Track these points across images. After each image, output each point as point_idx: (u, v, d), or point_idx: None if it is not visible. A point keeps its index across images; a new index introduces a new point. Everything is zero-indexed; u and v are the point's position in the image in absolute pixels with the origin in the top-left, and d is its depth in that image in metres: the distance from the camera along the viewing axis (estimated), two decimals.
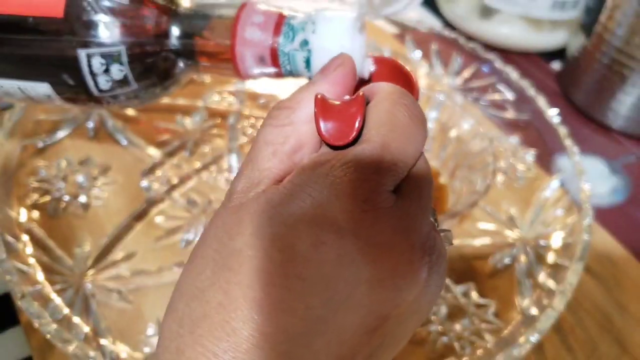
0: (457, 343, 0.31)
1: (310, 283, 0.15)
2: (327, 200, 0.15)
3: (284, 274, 0.15)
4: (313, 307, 0.15)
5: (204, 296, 0.15)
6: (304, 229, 0.15)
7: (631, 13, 0.43)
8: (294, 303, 0.15)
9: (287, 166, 0.17)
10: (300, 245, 0.15)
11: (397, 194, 0.17)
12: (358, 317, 0.15)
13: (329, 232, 0.15)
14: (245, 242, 0.15)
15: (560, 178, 0.39)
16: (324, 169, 0.16)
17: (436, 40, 0.49)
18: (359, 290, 0.15)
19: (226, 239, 0.16)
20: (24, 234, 0.32)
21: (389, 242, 0.15)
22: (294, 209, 0.15)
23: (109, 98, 0.23)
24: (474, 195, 0.31)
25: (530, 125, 0.43)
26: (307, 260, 0.15)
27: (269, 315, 0.14)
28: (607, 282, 0.36)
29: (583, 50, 0.49)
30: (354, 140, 0.16)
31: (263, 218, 0.15)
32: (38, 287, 0.29)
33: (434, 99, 0.36)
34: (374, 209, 0.15)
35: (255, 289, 0.15)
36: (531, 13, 0.53)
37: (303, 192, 0.16)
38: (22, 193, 0.35)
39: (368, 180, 0.16)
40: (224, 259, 0.15)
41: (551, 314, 0.29)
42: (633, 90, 0.45)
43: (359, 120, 0.16)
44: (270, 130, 0.18)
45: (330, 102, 0.17)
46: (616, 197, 0.43)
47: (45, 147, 0.39)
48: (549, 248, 0.35)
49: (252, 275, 0.15)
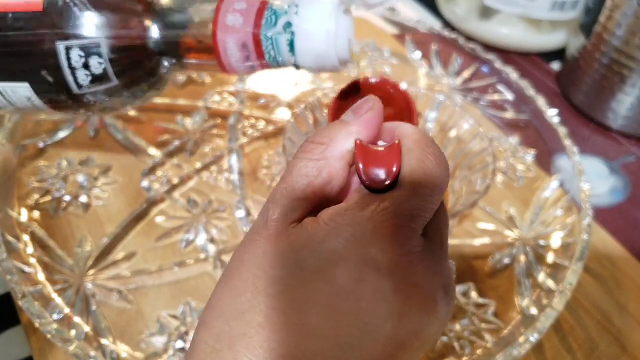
0: (456, 343, 0.31)
1: (346, 314, 0.16)
2: (370, 241, 0.17)
3: (324, 304, 0.16)
4: (345, 336, 0.16)
5: (244, 317, 0.17)
6: (346, 265, 0.17)
7: (630, 13, 0.43)
8: (328, 331, 0.16)
9: (319, 198, 0.19)
10: (341, 279, 0.17)
11: (425, 238, 0.18)
12: (380, 345, 0.17)
13: (370, 269, 0.17)
14: (288, 272, 0.17)
15: (560, 178, 0.39)
16: (367, 212, 0.17)
17: (436, 40, 0.50)
18: (388, 324, 0.17)
19: (267, 267, 0.17)
20: (25, 234, 0.33)
21: (420, 283, 0.17)
22: (336, 245, 0.17)
23: (90, 96, 0.23)
24: (474, 195, 0.31)
25: (529, 125, 0.43)
26: (347, 293, 0.17)
27: (304, 340, 0.16)
28: (607, 281, 0.36)
29: (582, 51, 0.49)
30: (390, 185, 0.18)
31: (306, 252, 0.17)
32: (38, 287, 0.29)
33: (433, 99, 0.37)
34: (408, 253, 0.17)
35: (291, 316, 0.16)
36: (531, 13, 0.53)
37: (346, 231, 0.17)
38: (23, 193, 0.36)
39: (404, 227, 0.17)
40: (265, 286, 0.17)
41: (551, 313, 0.29)
42: (632, 91, 0.45)
43: (396, 166, 0.18)
44: (305, 164, 0.19)
45: (369, 148, 0.19)
46: (615, 197, 0.43)
47: (46, 147, 0.39)
48: (548, 248, 0.35)
49: (293, 303, 0.16)
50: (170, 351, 0.29)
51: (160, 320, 0.30)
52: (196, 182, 0.38)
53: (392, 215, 0.17)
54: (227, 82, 0.46)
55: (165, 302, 0.31)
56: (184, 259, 0.33)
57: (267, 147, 0.42)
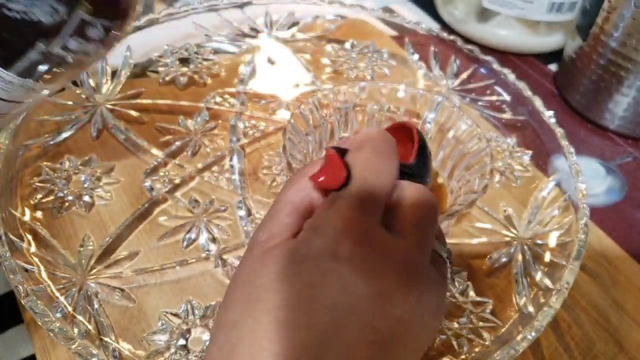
0: (454, 341, 0.31)
1: (321, 304, 0.18)
2: (331, 239, 0.19)
3: (302, 298, 0.19)
4: (324, 323, 0.18)
5: (237, 324, 0.19)
6: (314, 264, 0.19)
7: (628, 15, 0.43)
8: (309, 321, 0.18)
9: (301, 222, 0.21)
10: (311, 276, 0.19)
11: (392, 230, 0.21)
12: (358, 330, 0.18)
13: (331, 262, 0.19)
14: (271, 279, 0.19)
15: (557, 178, 0.39)
16: (323, 219, 0.20)
17: (434, 42, 0.50)
18: (358, 308, 0.18)
19: (253, 278, 0.20)
20: (28, 234, 0.33)
21: (379, 268, 0.19)
22: (306, 251, 0.20)
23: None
24: (472, 195, 0.31)
25: (527, 126, 0.43)
26: (318, 286, 0.19)
27: (291, 333, 0.18)
28: (604, 280, 0.36)
29: (580, 52, 0.49)
30: (345, 184, 0.21)
31: (285, 261, 0.20)
32: (41, 286, 0.30)
33: (432, 100, 0.37)
34: (367, 242, 0.20)
35: (279, 314, 0.18)
36: (528, 15, 0.53)
37: (313, 238, 0.20)
38: (26, 193, 0.36)
39: (357, 219, 0.20)
40: (252, 295, 0.19)
41: (548, 312, 0.29)
42: (629, 92, 0.46)
43: (342, 168, 0.21)
44: (292, 192, 0.22)
45: (319, 162, 0.23)
46: (612, 197, 0.43)
47: (49, 147, 0.39)
48: (545, 247, 0.35)
49: (277, 303, 0.18)
50: (172, 349, 0.29)
51: (162, 318, 0.30)
52: (198, 182, 0.39)
53: (345, 210, 0.20)
54: (228, 84, 0.46)
55: (167, 301, 0.32)
56: (186, 258, 0.34)
57: (268, 148, 0.42)
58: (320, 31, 0.53)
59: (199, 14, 0.48)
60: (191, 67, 0.47)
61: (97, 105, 0.42)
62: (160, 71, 0.46)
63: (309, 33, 0.52)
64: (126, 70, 0.45)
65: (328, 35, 0.53)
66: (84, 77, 0.43)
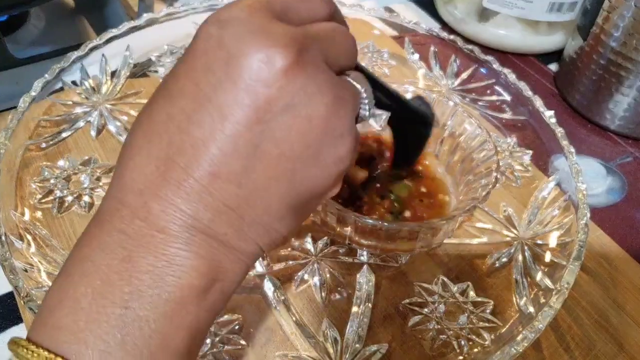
0: (455, 341, 0.31)
1: (198, 71, 0.19)
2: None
3: (186, 60, 0.19)
4: (201, 88, 0.18)
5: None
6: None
7: (628, 15, 0.43)
8: (188, 87, 0.19)
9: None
10: (196, 44, 0.19)
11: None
12: (231, 94, 0.18)
13: (212, 26, 0.19)
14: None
15: (557, 178, 0.39)
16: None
17: (435, 42, 0.50)
18: (228, 70, 0.18)
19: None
20: (28, 234, 0.33)
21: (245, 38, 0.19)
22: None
23: None
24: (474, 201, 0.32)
25: (527, 126, 0.43)
26: (198, 53, 0.19)
27: (176, 101, 0.19)
28: (604, 280, 0.36)
29: (580, 52, 0.49)
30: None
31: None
32: (41, 286, 0.30)
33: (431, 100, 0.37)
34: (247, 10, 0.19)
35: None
36: (529, 15, 0.53)
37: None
38: (26, 193, 0.36)
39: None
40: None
41: (548, 312, 0.29)
42: (629, 92, 0.46)
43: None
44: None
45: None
46: (612, 197, 0.43)
47: (49, 148, 0.39)
48: (546, 247, 0.35)
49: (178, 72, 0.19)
50: None
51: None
52: None
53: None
54: None
55: None
56: None
57: None
58: None
59: (199, 13, 0.48)
60: None
61: (97, 105, 0.42)
62: (160, 71, 0.46)
63: None
64: (126, 70, 0.45)
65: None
66: (84, 77, 0.43)
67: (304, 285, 0.33)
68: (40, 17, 0.53)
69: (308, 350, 0.30)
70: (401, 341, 0.31)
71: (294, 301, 0.32)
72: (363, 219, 0.30)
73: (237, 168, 0.18)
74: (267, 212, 0.19)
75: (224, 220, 0.19)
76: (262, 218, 0.19)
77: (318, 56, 0.19)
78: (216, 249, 0.19)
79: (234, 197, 0.19)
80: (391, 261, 0.35)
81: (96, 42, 0.43)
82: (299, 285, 0.33)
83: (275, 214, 0.20)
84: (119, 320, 0.17)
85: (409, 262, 0.35)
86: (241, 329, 0.31)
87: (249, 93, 0.18)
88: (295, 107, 0.18)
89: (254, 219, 0.19)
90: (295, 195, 0.20)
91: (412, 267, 0.35)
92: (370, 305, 0.32)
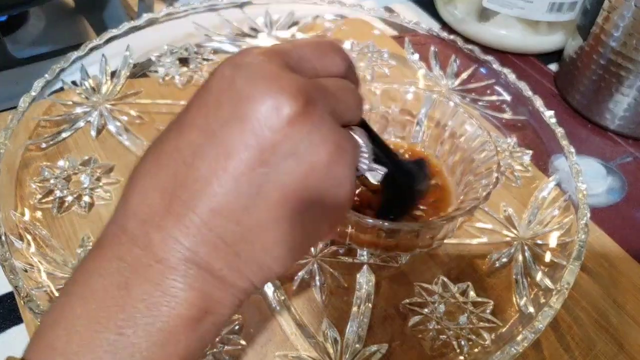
0: (455, 341, 0.31)
1: (209, 107, 0.19)
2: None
3: (198, 96, 0.20)
4: (209, 123, 0.19)
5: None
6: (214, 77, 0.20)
7: (628, 15, 0.43)
8: (198, 121, 0.19)
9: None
10: (210, 83, 0.20)
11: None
12: (238, 133, 0.19)
13: (226, 68, 0.20)
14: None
15: (557, 178, 0.39)
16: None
17: (435, 42, 0.50)
18: (237, 110, 0.19)
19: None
20: (27, 234, 0.33)
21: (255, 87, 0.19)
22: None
23: None
24: (474, 202, 0.32)
25: (527, 126, 0.43)
26: (211, 91, 0.20)
27: (186, 134, 0.19)
28: (604, 280, 0.36)
29: (580, 52, 0.49)
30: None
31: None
32: (41, 286, 0.30)
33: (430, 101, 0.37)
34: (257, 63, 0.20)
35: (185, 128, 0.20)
36: (529, 15, 0.53)
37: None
38: (26, 193, 0.36)
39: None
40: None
41: (548, 312, 0.29)
42: (630, 92, 0.46)
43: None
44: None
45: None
46: (612, 197, 0.43)
47: (49, 148, 0.39)
48: (546, 247, 0.35)
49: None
50: None
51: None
52: None
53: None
54: None
55: None
56: None
57: None
58: (320, 31, 0.53)
59: (199, 13, 0.48)
60: (191, 67, 0.47)
61: (97, 105, 0.42)
62: (160, 71, 0.46)
63: (309, 33, 0.52)
64: (126, 70, 0.45)
65: (328, 35, 0.53)
66: (84, 77, 0.43)
67: (304, 286, 0.33)
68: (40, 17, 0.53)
69: (308, 350, 0.30)
70: (401, 341, 0.31)
71: (294, 301, 0.32)
72: (363, 219, 0.30)
73: (238, 207, 0.19)
74: (263, 251, 0.20)
75: (221, 256, 0.19)
76: (258, 257, 0.20)
77: (325, 108, 0.20)
78: (210, 283, 0.19)
79: (232, 235, 0.19)
80: (391, 261, 0.35)
81: (96, 42, 0.43)
82: (299, 285, 0.33)
83: (271, 254, 0.20)
84: (112, 346, 0.18)
85: (409, 262, 0.35)
86: (241, 329, 0.31)
87: (256, 135, 0.18)
88: (299, 153, 0.19)
89: (250, 257, 0.20)
90: (292, 238, 0.20)
91: (412, 267, 0.35)
92: (370, 305, 0.32)
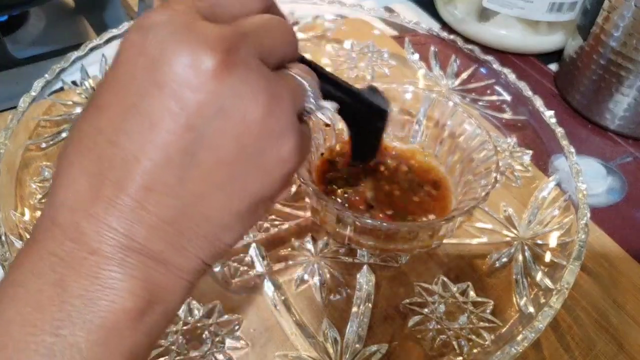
0: (455, 341, 0.31)
1: (122, 81, 0.18)
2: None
3: (112, 69, 0.18)
4: (127, 97, 0.17)
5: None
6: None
7: (628, 15, 0.43)
8: (115, 95, 0.18)
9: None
10: (120, 54, 0.18)
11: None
12: (158, 101, 0.17)
13: (133, 33, 0.18)
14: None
15: (557, 178, 0.39)
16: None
17: (435, 42, 0.50)
18: (152, 76, 0.17)
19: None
20: (27, 234, 0.33)
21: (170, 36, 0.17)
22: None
23: None
24: (473, 202, 0.32)
25: (527, 126, 0.43)
26: (121, 62, 0.18)
27: (104, 112, 0.18)
28: (604, 280, 0.36)
29: (580, 52, 0.49)
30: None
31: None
32: None
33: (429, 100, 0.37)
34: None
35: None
36: (529, 15, 0.53)
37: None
38: (26, 193, 0.36)
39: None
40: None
41: (548, 312, 0.29)
42: (630, 92, 0.46)
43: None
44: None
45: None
46: (612, 197, 0.43)
47: (49, 148, 0.39)
48: (546, 247, 0.35)
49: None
50: (173, 350, 0.29)
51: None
52: None
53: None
54: None
55: None
56: None
57: None
58: (320, 31, 0.53)
59: None
60: None
61: None
62: None
63: (309, 33, 0.52)
64: None
65: (328, 35, 0.53)
66: (84, 77, 0.43)
67: (304, 285, 0.33)
68: (40, 17, 0.53)
69: (308, 350, 0.30)
70: (401, 341, 0.31)
71: (294, 301, 0.32)
72: (362, 219, 0.30)
73: (172, 179, 0.17)
74: (208, 223, 0.18)
75: (160, 236, 0.18)
76: (204, 230, 0.18)
77: (250, 53, 0.18)
78: (152, 269, 0.18)
79: (170, 210, 0.18)
80: (391, 261, 0.35)
81: (96, 42, 0.43)
82: (299, 285, 0.33)
83: (217, 224, 0.19)
84: (49, 349, 0.16)
85: (409, 262, 0.35)
86: (241, 329, 0.31)
87: (177, 99, 0.17)
88: (227, 110, 0.17)
89: (193, 232, 0.18)
90: (238, 203, 0.19)
91: (412, 267, 0.35)
92: (370, 305, 0.32)
